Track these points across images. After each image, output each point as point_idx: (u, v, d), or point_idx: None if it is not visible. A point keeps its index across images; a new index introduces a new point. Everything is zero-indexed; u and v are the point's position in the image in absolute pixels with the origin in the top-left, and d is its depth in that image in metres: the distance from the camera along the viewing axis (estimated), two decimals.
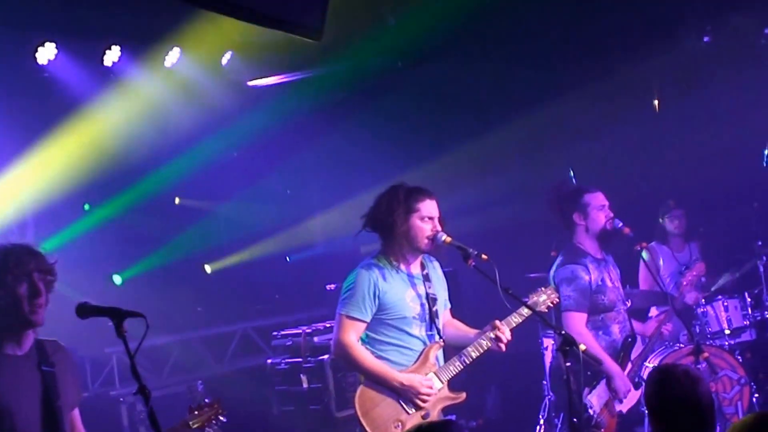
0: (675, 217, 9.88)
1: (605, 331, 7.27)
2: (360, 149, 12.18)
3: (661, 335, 7.75)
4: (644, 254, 8.37)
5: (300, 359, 9.28)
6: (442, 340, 6.21)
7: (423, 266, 6.29)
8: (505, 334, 6.07)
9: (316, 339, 9.34)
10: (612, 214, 7.39)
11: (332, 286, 9.98)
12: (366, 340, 6.12)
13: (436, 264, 6.43)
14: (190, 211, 12.57)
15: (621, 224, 7.32)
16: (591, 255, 7.35)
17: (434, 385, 6.05)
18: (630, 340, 7.34)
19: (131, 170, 11.16)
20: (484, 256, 5.83)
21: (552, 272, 7.39)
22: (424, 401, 5.99)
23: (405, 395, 5.98)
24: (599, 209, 7.38)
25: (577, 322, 7.12)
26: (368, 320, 6.06)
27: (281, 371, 9.41)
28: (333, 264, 11.38)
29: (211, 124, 11.33)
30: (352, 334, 6.04)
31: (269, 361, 9.69)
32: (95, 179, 10.67)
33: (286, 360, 9.45)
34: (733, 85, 10.51)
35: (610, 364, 7.08)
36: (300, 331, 9.50)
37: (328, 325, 9.31)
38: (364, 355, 6.04)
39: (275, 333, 9.86)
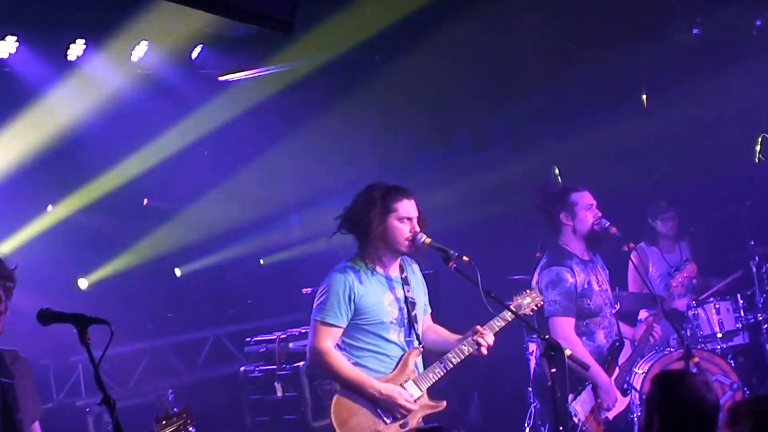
0: (668, 219, 9.85)
1: (589, 337, 7.22)
2: (337, 146, 12.15)
3: (651, 339, 7.73)
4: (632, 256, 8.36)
5: (274, 366, 9.28)
6: (421, 345, 6.19)
7: (401, 269, 6.26)
8: (488, 340, 6.08)
9: (291, 345, 9.34)
10: (600, 214, 7.40)
11: (308, 290, 9.97)
12: (342, 347, 6.08)
13: (416, 266, 6.40)
14: (159, 212, 12.50)
15: (608, 224, 7.29)
16: (577, 256, 7.33)
17: (413, 394, 6.05)
18: (617, 344, 7.31)
19: (96, 169, 11.14)
20: (465, 258, 5.84)
21: (536, 275, 7.38)
22: (403, 413, 5.99)
23: (383, 405, 5.98)
24: (587, 209, 7.36)
25: (565, 328, 7.06)
26: (344, 326, 6.03)
27: (255, 379, 9.42)
28: (309, 267, 11.40)
29: (180, 121, 11.30)
30: (328, 341, 6.03)
31: (242, 368, 9.69)
32: (58, 178, 10.64)
33: (260, 367, 9.45)
34: (724, 78, 10.53)
35: (596, 371, 7.06)
36: (274, 337, 9.48)
37: (303, 331, 9.29)
38: (340, 362, 6.03)
39: (248, 339, 9.85)
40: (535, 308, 6.52)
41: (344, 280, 6.01)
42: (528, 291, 6.58)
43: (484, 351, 6.08)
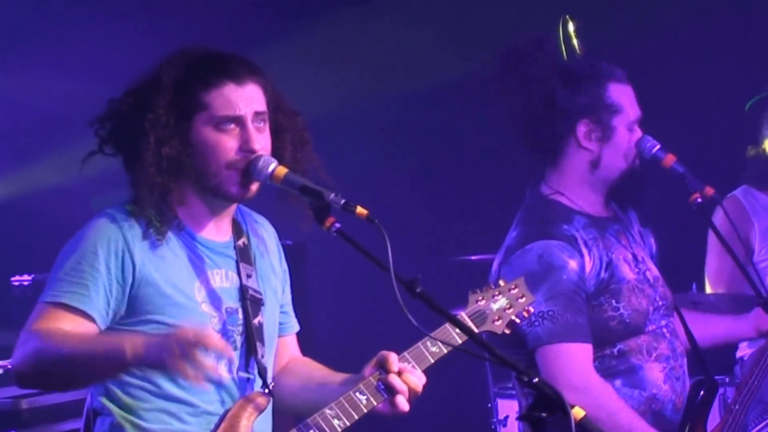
0: None
1: (628, 380, 7.40)
2: None
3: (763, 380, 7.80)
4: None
5: None
6: (268, 390, 6.21)
7: (237, 229, 6.33)
8: (410, 380, 6.08)
9: None
10: (640, 131, 7.63)
11: (24, 279, 10.03)
12: (97, 394, 6.04)
13: (268, 226, 6.60)
14: None
15: (657, 146, 7.41)
16: (584, 213, 7.46)
17: None
18: (705, 394, 7.44)
19: None
20: (361, 211, 5.73)
21: (498, 261, 7.60)
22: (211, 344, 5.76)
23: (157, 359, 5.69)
24: (629, 126, 7.55)
25: (574, 364, 7.32)
26: (99, 320, 5.91)
27: None
28: (32, 234, 11.45)
29: None
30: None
31: None
32: None
33: None
34: None
35: None
36: None
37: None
38: (64, 336, 5.79)
39: None
40: (518, 320, 6.58)
41: (110, 236, 5.96)
42: (502, 283, 6.59)
43: (403, 404, 6.07)
